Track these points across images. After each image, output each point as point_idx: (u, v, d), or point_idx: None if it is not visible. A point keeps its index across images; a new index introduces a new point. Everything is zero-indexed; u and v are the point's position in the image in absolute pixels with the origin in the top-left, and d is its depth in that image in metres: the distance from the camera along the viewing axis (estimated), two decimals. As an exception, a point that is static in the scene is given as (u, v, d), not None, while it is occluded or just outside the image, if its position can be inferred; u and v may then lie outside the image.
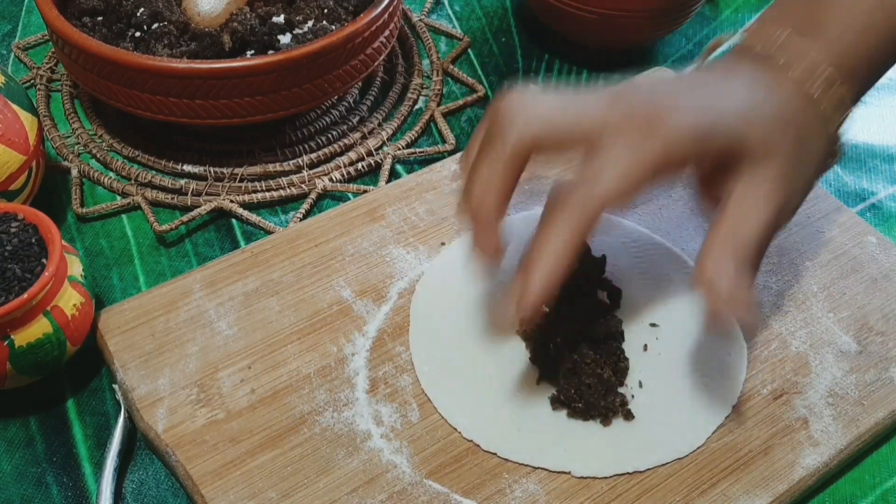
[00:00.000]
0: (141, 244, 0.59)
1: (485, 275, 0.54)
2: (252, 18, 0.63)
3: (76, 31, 0.58)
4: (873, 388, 0.50)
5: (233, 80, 0.56)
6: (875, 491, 0.49)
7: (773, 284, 0.55)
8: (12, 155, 0.53)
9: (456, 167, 0.60)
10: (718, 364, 0.51)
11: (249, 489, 0.45)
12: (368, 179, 0.64)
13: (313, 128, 0.66)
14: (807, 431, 0.48)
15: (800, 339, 0.52)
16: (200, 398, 0.48)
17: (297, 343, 0.51)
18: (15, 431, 0.49)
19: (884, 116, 0.71)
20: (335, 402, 0.48)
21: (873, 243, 0.58)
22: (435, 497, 0.45)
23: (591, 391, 0.47)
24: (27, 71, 0.70)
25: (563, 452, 0.47)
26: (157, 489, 0.47)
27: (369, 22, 0.60)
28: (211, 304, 0.52)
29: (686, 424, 0.48)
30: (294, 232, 0.56)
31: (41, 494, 0.47)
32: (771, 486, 0.46)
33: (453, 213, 0.58)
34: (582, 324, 0.49)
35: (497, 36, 0.76)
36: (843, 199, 0.62)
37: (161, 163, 0.62)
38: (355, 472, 0.46)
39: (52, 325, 0.47)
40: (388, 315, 0.53)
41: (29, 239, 0.48)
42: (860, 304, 0.54)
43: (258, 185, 0.61)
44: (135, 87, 0.57)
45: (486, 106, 0.69)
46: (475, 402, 0.49)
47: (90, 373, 0.52)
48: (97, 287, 0.56)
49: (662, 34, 0.72)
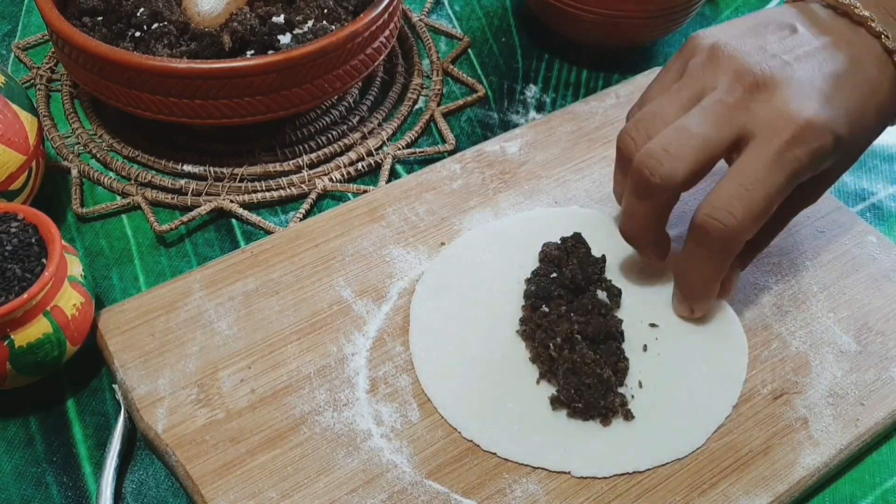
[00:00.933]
0: (141, 244, 0.59)
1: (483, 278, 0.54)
2: (252, 18, 0.63)
3: (76, 31, 0.58)
4: (873, 387, 0.50)
5: (233, 80, 0.56)
6: (875, 491, 0.49)
7: (773, 284, 0.55)
8: (12, 155, 0.53)
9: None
10: (718, 364, 0.51)
11: (249, 489, 0.45)
12: (368, 179, 0.64)
13: (313, 128, 0.66)
14: (807, 431, 0.48)
15: (800, 339, 0.52)
16: (200, 398, 0.48)
17: (297, 343, 0.51)
18: (15, 431, 0.49)
19: None
20: (335, 402, 0.48)
21: (873, 243, 0.58)
22: (435, 497, 0.45)
23: (591, 391, 0.47)
24: (27, 71, 0.70)
25: (563, 452, 0.47)
26: (157, 489, 0.47)
27: (369, 22, 0.60)
28: (211, 304, 0.52)
29: (686, 425, 0.48)
30: (294, 232, 0.56)
31: (41, 494, 0.47)
32: (771, 486, 0.46)
33: (453, 213, 0.58)
34: (582, 324, 0.49)
35: (497, 36, 0.76)
36: (843, 199, 0.62)
37: (161, 163, 0.62)
38: (355, 471, 0.46)
39: (52, 325, 0.47)
40: (388, 315, 0.53)
41: (29, 239, 0.48)
42: (860, 304, 0.54)
43: (258, 185, 0.61)
44: (135, 87, 0.57)
45: (486, 106, 0.69)
46: (475, 402, 0.49)
47: (90, 373, 0.52)
48: (97, 287, 0.56)
49: (662, 34, 0.72)
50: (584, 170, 0.61)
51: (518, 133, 0.63)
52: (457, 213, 0.58)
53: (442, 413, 0.48)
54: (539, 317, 0.50)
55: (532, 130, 0.63)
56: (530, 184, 0.60)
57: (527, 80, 0.71)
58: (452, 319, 0.52)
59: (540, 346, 0.49)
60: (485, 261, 0.55)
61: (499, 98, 0.70)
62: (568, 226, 0.55)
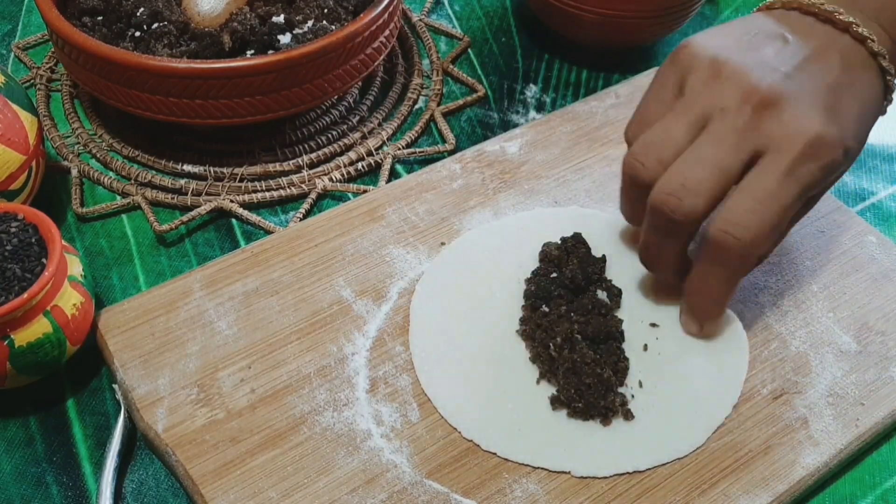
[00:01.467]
0: (141, 244, 0.59)
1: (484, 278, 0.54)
2: (252, 18, 0.63)
3: (76, 31, 0.58)
4: (873, 387, 0.50)
5: (233, 80, 0.56)
6: (875, 491, 0.49)
7: (773, 284, 0.55)
8: (12, 155, 0.53)
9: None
10: (718, 364, 0.51)
11: (249, 489, 0.45)
12: (368, 179, 0.64)
13: (313, 128, 0.66)
14: (807, 431, 0.48)
15: (800, 339, 0.52)
16: (200, 398, 0.48)
17: (297, 343, 0.51)
18: (15, 431, 0.49)
19: (884, 116, 0.70)
20: (335, 402, 0.48)
21: (873, 243, 0.58)
22: (435, 497, 0.45)
23: (591, 391, 0.47)
24: (27, 71, 0.70)
25: (563, 452, 0.47)
26: (157, 489, 0.47)
27: (369, 22, 0.60)
28: (211, 303, 0.52)
29: (686, 424, 0.48)
30: (294, 232, 0.56)
31: (41, 494, 0.47)
32: (771, 485, 0.46)
33: (453, 213, 0.58)
34: (582, 324, 0.49)
35: (497, 36, 0.76)
36: (843, 199, 0.62)
37: (161, 163, 0.62)
38: (355, 471, 0.46)
39: (52, 325, 0.47)
40: (388, 315, 0.53)
41: (29, 239, 0.48)
42: (860, 304, 0.54)
43: (258, 185, 0.61)
44: (135, 87, 0.57)
45: (486, 106, 0.69)
46: (475, 402, 0.49)
47: (90, 373, 0.52)
48: (97, 287, 0.56)
49: (662, 34, 0.72)
50: (584, 170, 0.61)
51: (518, 133, 0.63)
52: (457, 213, 0.58)
53: (442, 413, 0.48)
54: (539, 317, 0.50)
55: (532, 130, 0.63)
56: (530, 184, 0.60)
57: (527, 80, 0.71)
58: (452, 319, 0.52)
59: (540, 346, 0.49)
60: (484, 261, 0.55)
61: (499, 98, 0.70)
62: (568, 226, 0.55)
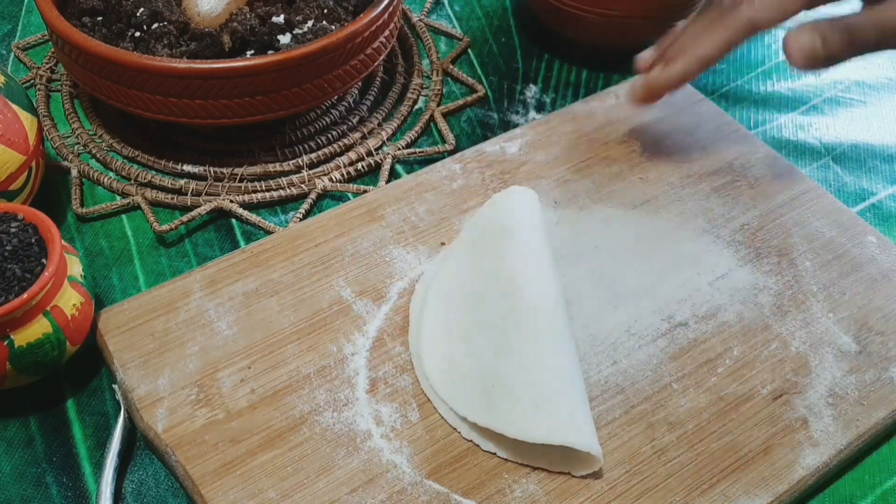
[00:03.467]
0: (141, 244, 0.59)
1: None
2: (252, 18, 0.63)
3: (76, 31, 0.58)
4: (873, 388, 0.50)
5: (233, 80, 0.56)
6: (875, 491, 0.49)
7: (772, 284, 0.55)
8: (12, 155, 0.53)
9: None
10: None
11: (249, 489, 0.45)
12: (368, 179, 0.64)
13: (313, 128, 0.66)
14: (807, 431, 0.48)
15: (800, 339, 0.52)
16: (200, 398, 0.48)
17: (297, 343, 0.51)
18: (15, 431, 0.50)
19: (884, 116, 0.71)
20: (335, 402, 0.48)
21: (873, 243, 0.58)
22: (435, 497, 0.45)
23: None
24: (27, 71, 0.70)
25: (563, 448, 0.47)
26: (157, 489, 0.47)
27: (369, 22, 0.60)
28: (211, 304, 0.52)
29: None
30: (294, 232, 0.56)
31: (41, 494, 0.47)
32: (771, 486, 0.46)
33: (453, 213, 0.58)
34: None
35: (497, 36, 0.76)
36: (843, 199, 0.62)
37: (161, 163, 0.62)
38: (355, 472, 0.46)
39: (52, 325, 0.47)
40: (388, 315, 0.53)
41: (29, 239, 0.48)
42: (860, 304, 0.54)
43: (258, 185, 0.61)
44: (135, 87, 0.57)
45: (486, 106, 0.69)
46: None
47: (90, 373, 0.52)
48: (97, 287, 0.56)
49: (662, 34, 0.72)
50: (584, 170, 0.61)
51: (518, 133, 0.63)
52: (457, 213, 0.58)
53: (442, 413, 0.48)
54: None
55: (532, 130, 0.63)
56: (530, 184, 0.60)
57: (527, 81, 0.71)
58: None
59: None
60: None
61: (499, 98, 0.70)
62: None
